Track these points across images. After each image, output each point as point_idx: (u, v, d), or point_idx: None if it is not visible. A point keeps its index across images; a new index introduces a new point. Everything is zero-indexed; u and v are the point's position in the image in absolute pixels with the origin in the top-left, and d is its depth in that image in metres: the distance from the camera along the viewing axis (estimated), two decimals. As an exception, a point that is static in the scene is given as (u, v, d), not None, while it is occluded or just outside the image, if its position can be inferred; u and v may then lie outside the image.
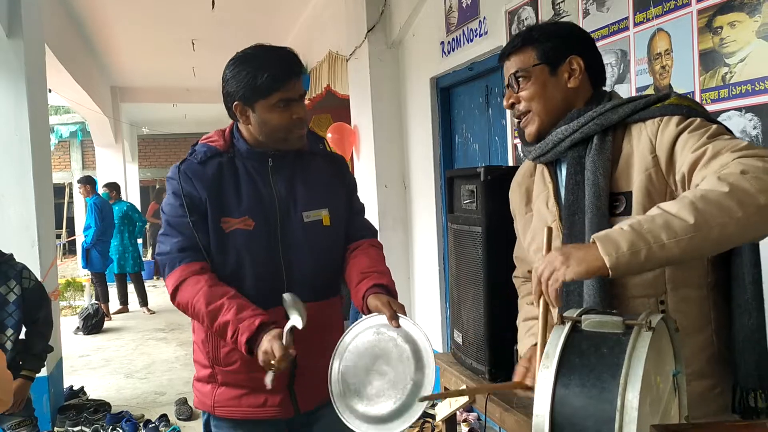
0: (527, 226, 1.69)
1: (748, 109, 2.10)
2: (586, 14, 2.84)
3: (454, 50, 4.18)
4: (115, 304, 9.21)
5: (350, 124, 5.67)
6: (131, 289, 9.31)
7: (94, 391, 5.55)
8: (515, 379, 1.61)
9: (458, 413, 3.11)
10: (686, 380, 1.25)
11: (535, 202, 1.67)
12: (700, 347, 1.43)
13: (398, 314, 1.72)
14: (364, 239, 2.02)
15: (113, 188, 9.17)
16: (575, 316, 1.14)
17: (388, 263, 2.00)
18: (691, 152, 1.31)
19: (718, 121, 1.42)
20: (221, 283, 1.81)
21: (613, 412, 0.99)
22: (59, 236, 15.36)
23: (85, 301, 9.57)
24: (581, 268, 1.18)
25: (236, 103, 1.83)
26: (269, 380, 1.70)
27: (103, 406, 4.98)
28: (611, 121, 1.46)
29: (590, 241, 1.21)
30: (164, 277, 1.86)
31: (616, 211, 1.43)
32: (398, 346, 1.68)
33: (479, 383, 2.06)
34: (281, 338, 1.66)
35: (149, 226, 13.27)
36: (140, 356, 6.88)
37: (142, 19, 7.51)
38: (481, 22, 3.80)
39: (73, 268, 13.81)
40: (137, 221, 9.22)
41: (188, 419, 4.83)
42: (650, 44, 2.48)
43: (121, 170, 12.43)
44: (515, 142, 3.52)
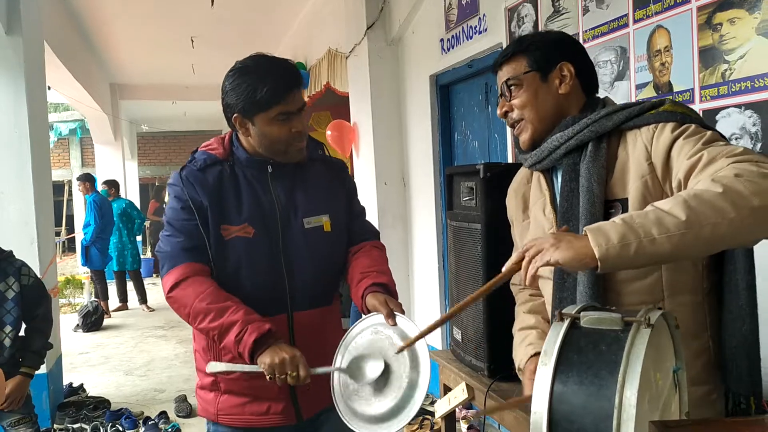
0: (524, 233, 1.69)
1: (747, 106, 2.09)
2: (585, 11, 2.84)
3: (453, 47, 4.17)
4: (114, 301, 9.23)
5: (350, 121, 5.67)
6: (130, 286, 9.33)
7: (93, 388, 5.55)
8: (525, 393, 1.59)
9: (457, 410, 3.11)
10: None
11: (532, 209, 1.67)
12: (696, 353, 1.43)
13: (395, 312, 1.72)
14: (366, 242, 2.01)
15: (112, 185, 9.18)
16: (574, 312, 1.14)
17: (388, 261, 2.00)
18: (686, 159, 1.32)
19: (712, 127, 1.42)
20: (224, 291, 1.80)
21: (611, 409, 0.99)
22: (58, 234, 15.37)
23: (84, 298, 9.58)
24: (569, 253, 1.17)
25: (236, 115, 1.82)
26: (212, 369, 1.75)
27: (102, 403, 4.99)
28: (606, 128, 1.47)
29: (582, 232, 1.21)
30: (163, 273, 1.83)
31: (611, 218, 1.43)
32: (394, 345, 1.68)
33: (479, 382, 2.06)
34: (303, 362, 1.69)
35: (149, 223, 13.27)
36: (140, 353, 6.89)
37: (141, 16, 7.50)
38: (480, 19, 3.79)
39: (72, 265, 13.82)
40: (136, 218, 9.22)
41: (187, 416, 4.83)
42: (650, 41, 2.48)
43: (120, 168, 12.42)
44: (515, 147, 3.52)
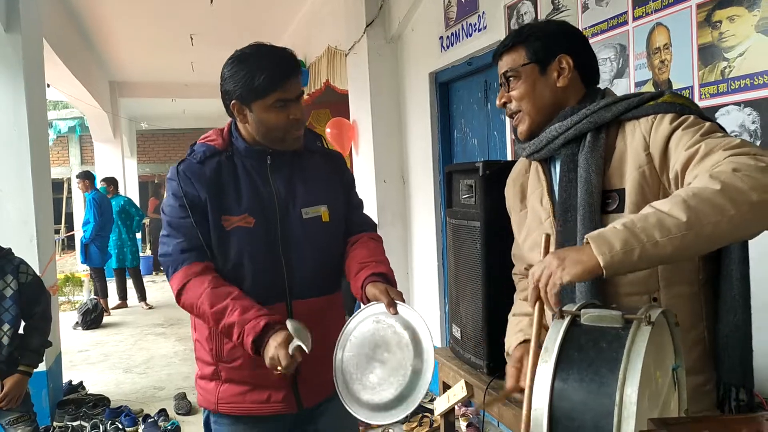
0: (522, 222, 1.70)
1: (747, 103, 2.09)
2: (585, 9, 2.84)
3: (453, 45, 4.17)
4: (114, 299, 9.23)
5: (349, 119, 5.67)
6: (130, 284, 9.33)
7: (93, 385, 5.55)
8: (508, 381, 1.60)
9: (456, 408, 3.11)
10: None
11: (529, 199, 1.67)
12: (692, 343, 1.43)
13: (396, 301, 1.72)
14: (363, 233, 2.02)
15: (111, 183, 9.17)
16: (574, 310, 1.14)
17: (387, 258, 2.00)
18: (684, 150, 1.32)
19: (711, 118, 1.42)
20: (225, 282, 1.81)
21: (611, 406, 0.99)
22: (58, 231, 15.36)
23: (83, 296, 9.57)
24: (577, 269, 1.18)
25: (234, 102, 1.83)
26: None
27: (102, 400, 5.00)
28: (604, 119, 1.47)
29: (584, 241, 1.21)
30: (168, 278, 1.86)
31: (608, 208, 1.43)
32: (397, 333, 1.68)
33: (479, 380, 2.06)
34: (287, 345, 1.66)
35: (148, 221, 13.26)
36: (139, 351, 6.88)
37: (140, 13, 7.49)
38: (480, 16, 3.79)
39: (72, 263, 13.81)
40: (134, 216, 9.21)
41: (187, 414, 4.84)
42: (649, 39, 2.47)
43: (119, 165, 12.41)
44: (514, 137, 3.52)
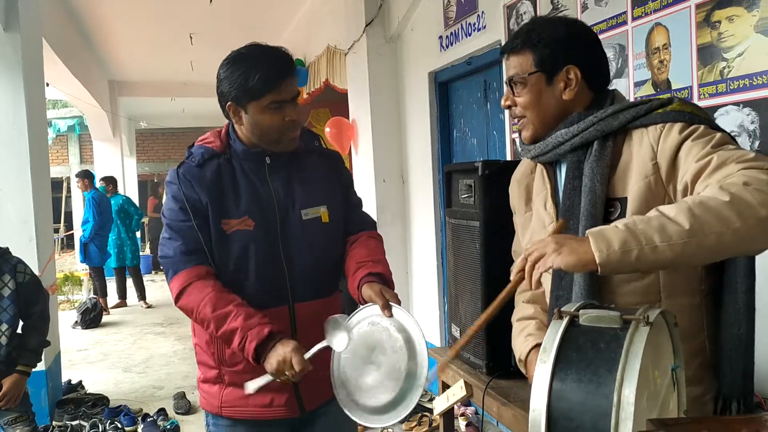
0: (526, 224, 1.68)
1: (745, 103, 2.10)
2: (584, 8, 2.84)
3: (452, 44, 4.17)
4: (113, 298, 9.23)
5: (348, 118, 5.67)
6: (130, 283, 9.33)
7: (92, 385, 5.55)
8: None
9: (456, 407, 3.11)
10: None
11: (534, 201, 1.66)
12: (692, 354, 1.42)
13: (391, 303, 1.72)
14: (363, 232, 2.02)
15: (110, 182, 9.16)
16: (573, 310, 1.14)
17: (386, 257, 2.00)
18: (694, 161, 1.29)
19: (722, 128, 1.39)
20: (227, 289, 1.80)
21: (609, 407, 0.99)
22: (57, 230, 15.35)
23: (83, 295, 9.57)
24: (571, 258, 1.17)
25: (229, 103, 1.83)
26: (253, 387, 1.71)
27: (101, 400, 4.99)
28: (612, 127, 1.44)
29: (585, 235, 1.21)
30: (168, 280, 1.84)
31: (610, 216, 1.42)
32: (391, 336, 1.68)
33: (478, 379, 2.06)
34: (301, 351, 1.67)
35: (147, 220, 13.26)
36: (138, 350, 6.88)
37: (140, 13, 7.48)
38: (479, 16, 3.79)
39: (71, 262, 13.81)
40: (134, 215, 9.21)
41: (186, 413, 4.84)
42: (648, 39, 2.47)
43: (119, 164, 12.40)
44: (513, 136, 3.52)
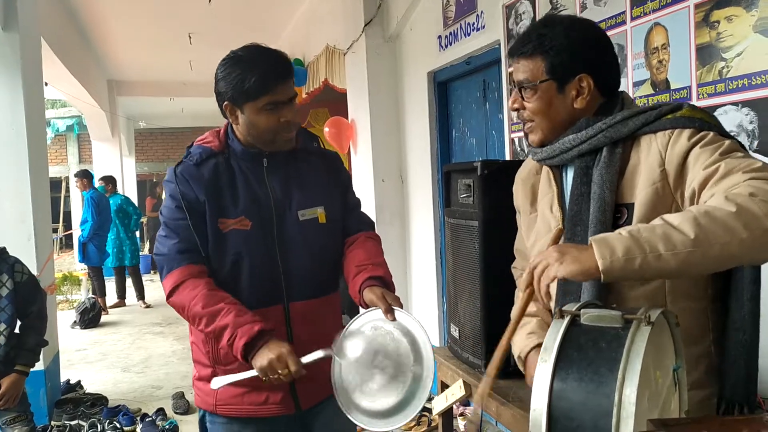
0: (531, 226, 1.67)
1: (744, 103, 2.09)
2: (583, 8, 2.84)
3: (451, 44, 4.17)
4: (112, 297, 9.22)
5: (347, 118, 5.67)
6: (129, 283, 9.32)
7: (91, 385, 5.54)
8: (528, 384, 1.59)
9: (455, 407, 3.11)
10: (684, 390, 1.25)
11: (539, 203, 1.65)
12: (697, 358, 1.42)
13: (393, 307, 1.71)
14: (361, 232, 2.02)
15: (109, 181, 9.16)
16: (574, 309, 1.14)
17: (385, 257, 1.99)
18: (702, 169, 1.28)
19: (731, 135, 1.38)
20: (219, 288, 1.80)
21: (610, 406, 0.99)
22: (56, 230, 15.29)
23: (81, 295, 9.56)
24: (575, 267, 1.17)
25: (225, 103, 1.83)
26: (218, 385, 1.73)
27: (100, 400, 4.99)
28: (621, 134, 1.43)
29: (588, 242, 1.20)
30: (162, 277, 1.85)
31: (618, 222, 1.41)
32: (395, 339, 1.68)
33: (477, 379, 2.06)
34: (293, 353, 1.67)
35: (146, 220, 13.25)
36: (137, 350, 6.88)
37: (138, 12, 7.48)
38: (478, 16, 3.79)
39: (70, 262, 13.80)
40: (132, 214, 9.20)
41: (185, 413, 4.83)
42: (647, 39, 2.47)
43: (117, 164, 12.39)
44: (512, 136, 3.52)
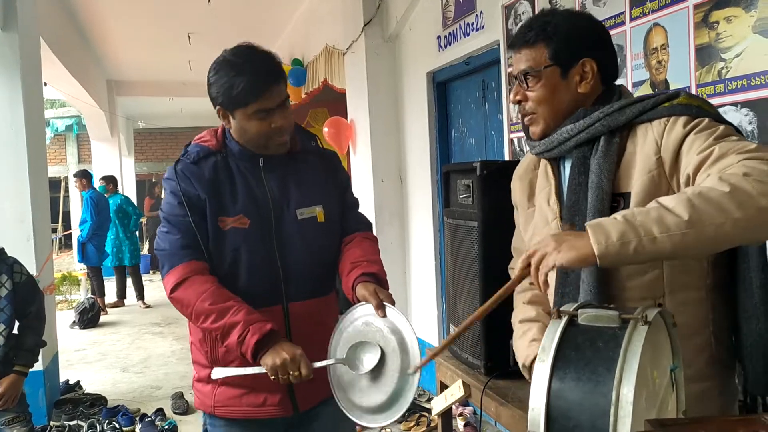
0: (529, 220, 1.67)
1: (743, 104, 2.10)
2: (582, 8, 2.84)
3: (450, 44, 4.17)
4: (112, 297, 9.21)
5: (347, 118, 5.67)
6: (129, 282, 9.31)
7: (90, 385, 5.54)
8: None
9: (454, 407, 3.12)
10: (686, 382, 1.24)
11: (537, 197, 1.65)
12: (699, 349, 1.42)
13: (385, 303, 1.73)
14: (358, 232, 2.02)
15: (110, 181, 9.16)
16: (572, 310, 1.14)
17: (384, 258, 2.00)
18: (696, 153, 1.29)
19: (727, 121, 1.38)
20: (225, 287, 1.80)
21: (607, 406, 0.99)
22: (55, 230, 15.31)
23: (81, 295, 9.56)
24: (572, 254, 1.17)
25: (218, 107, 1.83)
26: (219, 375, 1.74)
27: (99, 400, 4.99)
28: (618, 122, 1.43)
29: (584, 228, 1.20)
30: (163, 273, 1.84)
31: (615, 211, 1.41)
32: (385, 337, 1.70)
33: (476, 379, 2.06)
34: (305, 356, 1.69)
35: (145, 220, 13.24)
36: (136, 350, 6.88)
37: (138, 12, 7.48)
38: (477, 16, 3.79)
39: (69, 262, 13.79)
40: (132, 214, 9.20)
41: (184, 413, 4.83)
42: (646, 39, 2.48)
43: (117, 164, 12.38)
44: (511, 136, 3.52)
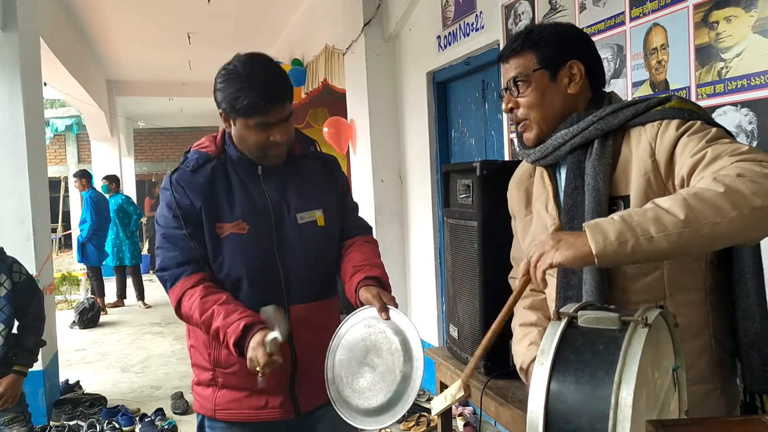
0: (527, 228, 1.68)
1: (743, 104, 2.10)
2: (582, 9, 2.84)
3: (450, 44, 4.17)
4: (112, 297, 9.21)
5: (347, 118, 5.67)
6: (129, 282, 9.30)
7: (90, 385, 5.54)
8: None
9: (454, 407, 3.11)
10: (688, 384, 1.25)
11: (534, 204, 1.66)
12: (699, 351, 1.43)
13: (388, 306, 1.73)
14: (358, 236, 2.02)
15: (112, 180, 9.15)
16: (572, 311, 1.14)
17: (384, 258, 2.00)
18: (690, 156, 1.31)
19: (719, 124, 1.40)
20: (216, 290, 1.81)
21: (606, 409, 0.99)
22: (55, 230, 15.32)
23: (81, 295, 9.55)
24: (569, 252, 1.20)
25: (221, 111, 1.84)
26: (261, 380, 1.70)
27: (99, 400, 4.99)
28: (612, 125, 1.45)
29: (582, 229, 1.22)
30: (167, 291, 1.86)
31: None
32: (387, 338, 1.69)
33: (476, 378, 2.06)
34: (264, 345, 1.65)
35: (145, 219, 13.24)
36: (136, 350, 6.88)
37: (137, 12, 7.48)
38: (477, 16, 3.79)
39: (69, 262, 13.79)
40: (132, 214, 9.19)
41: (184, 413, 4.83)
42: (646, 39, 2.48)
43: (116, 164, 12.37)
44: (511, 136, 3.52)
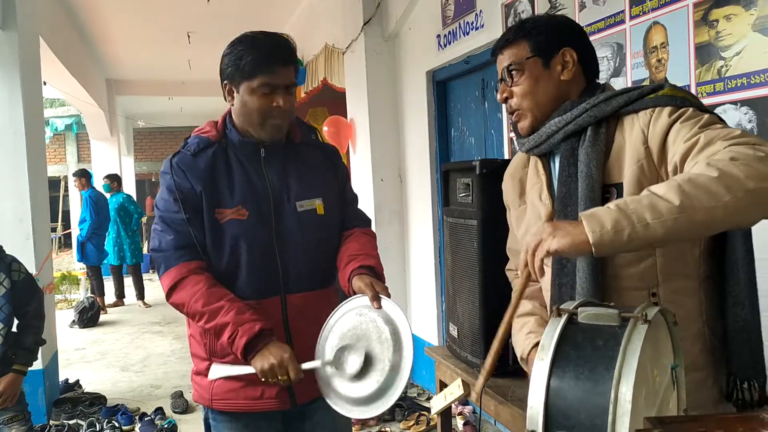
0: (521, 218, 1.69)
1: (743, 102, 2.10)
2: (582, 7, 2.84)
3: (450, 43, 4.17)
4: (112, 297, 9.21)
5: (347, 117, 5.67)
6: (128, 282, 9.30)
7: (89, 384, 5.55)
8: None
9: (453, 406, 3.12)
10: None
11: (528, 194, 1.67)
12: (692, 339, 1.44)
13: (380, 295, 1.73)
14: (356, 228, 2.02)
15: (114, 179, 9.15)
16: (572, 308, 1.14)
17: (384, 256, 2.00)
18: (683, 142, 1.32)
19: (711, 110, 1.42)
20: (220, 285, 1.81)
21: (606, 404, 0.99)
22: (54, 230, 15.32)
23: (80, 294, 9.55)
24: (566, 240, 1.20)
25: (225, 82, 1.84)
26: (214, 376, 1.74)
27: (98, 399, 4.99)
28: (605, 112, 1.47)
29: (579, 218, 1.23)
30: (160, 274, 1.84)
31: (607, 203, 1.43)
32: (378, 327, 1.70)
33: (476, 377, 2.06)
34: (294, 358, 1.69)
35: (146, 219, 13.25)
36: (136, 350, 6.88)
37: (137, 11, 7.48)
38: (477, 15, 3.79)
39: (68, 261, 13.80)
40: (133, 213, 9.19)
41: (184, 412, 4.83)
42: (646, 37, 2.48)
43: (116, 163, 12.36)
44: (511, 135, 3.52)
